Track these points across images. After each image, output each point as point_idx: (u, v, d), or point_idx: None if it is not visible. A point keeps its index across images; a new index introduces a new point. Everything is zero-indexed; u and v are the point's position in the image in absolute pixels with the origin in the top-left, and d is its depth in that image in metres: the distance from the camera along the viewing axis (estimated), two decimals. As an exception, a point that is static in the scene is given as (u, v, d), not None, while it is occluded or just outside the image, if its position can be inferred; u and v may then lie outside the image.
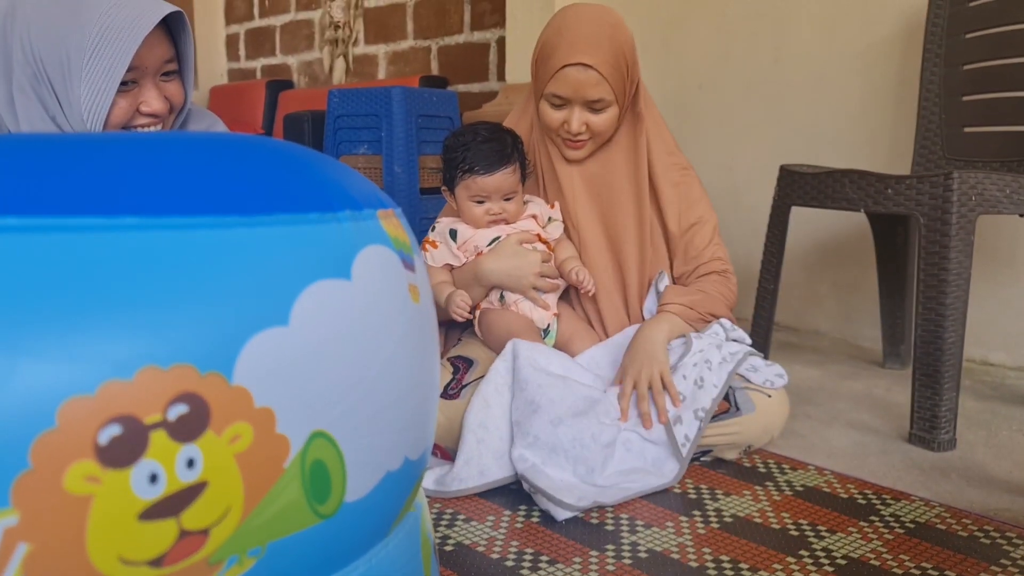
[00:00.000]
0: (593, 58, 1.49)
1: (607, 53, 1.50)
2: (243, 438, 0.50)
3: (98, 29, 1.07)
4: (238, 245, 0.53)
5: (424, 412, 0.66)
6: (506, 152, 1.53)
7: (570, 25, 1.53)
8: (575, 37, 1.51)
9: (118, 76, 1.09)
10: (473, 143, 1.52)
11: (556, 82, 1.52)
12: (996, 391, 2.02)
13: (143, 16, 1.09)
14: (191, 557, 0.49)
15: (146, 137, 0.60)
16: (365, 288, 0.59)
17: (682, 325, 1.53)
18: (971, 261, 1.60)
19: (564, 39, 1.52)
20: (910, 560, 1.15)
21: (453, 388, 1.50)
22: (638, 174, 1.60)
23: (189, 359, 0.48)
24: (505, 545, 1.20)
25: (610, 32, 1.52)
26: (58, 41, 1.07)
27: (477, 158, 1.52)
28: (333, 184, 0.62)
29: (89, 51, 1.07)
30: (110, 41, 1.08)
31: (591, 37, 1.51)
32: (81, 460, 0.45)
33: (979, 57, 2.03)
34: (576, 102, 1.53)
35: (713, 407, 1.44)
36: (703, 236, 1.63)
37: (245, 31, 4.77)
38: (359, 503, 0.58)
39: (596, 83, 1.51)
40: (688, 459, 1.41)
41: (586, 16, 1.54)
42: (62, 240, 0.48)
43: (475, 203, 1.55)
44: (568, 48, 1.50)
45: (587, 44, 1.50)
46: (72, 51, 1.07)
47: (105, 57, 1.08)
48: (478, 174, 1.52)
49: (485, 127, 1.56)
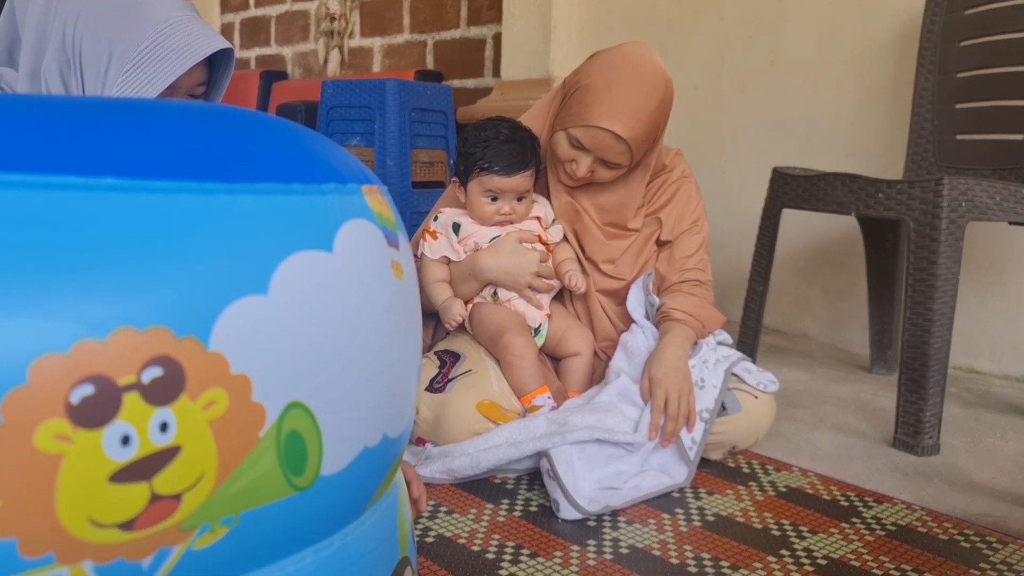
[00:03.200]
0: (630, 133, 1.44)
1: (644, 129, 1.46)
2: (218, 404, 0.49)
3: (150, 43, 1.06)
4: (219, 212, 0.52)
5: (404, 389, 0.65)
6: (525, 155, 1.50)
7: (623, 87, 1.45)
8: (621, 105, 1.44)
9: (154, 93, 1.08)
10: (495, 141, 1.49)
11: (583, 131, 1.46)
12: (981, 399, 2.02)
13: (197, 44, 1.09)
14: (162, 522, 0.49)
15: (132, 102, 0.59)
16: (347, 262, 0.58)
17: (692, 338, 1.52)
18: (959, 267, 1.60)
19: (609, 100, 1.44)
20: (890, 561, 1.15)
21: (439, 382, 1.49)
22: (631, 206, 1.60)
23: (165, 322, 0.48)
24: (487, 538, 1.19)
25: (655, 107, 1.46)
26: (105, 41, 1.06)
27: (497, 158, 1.49)
28: (318, 157, 0.61)
29: (133, 61, 1.06)
30: (157, 59, 1.07)
31: (637, 112, 1.44)
32: (52, 419, 0.44)
33: (973, 65, 2.04)
34: (593, 154, 1.49)
35: (716, 407, 1.44)
36: (691, 244, 1.62)
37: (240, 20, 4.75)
38: (336, 477, 0.57)
39: (621, 151, 1.47)
40: (696, 462, 1.41)
41: (642, 82, 1.46)
42: (40, 197, 0.47)
43: (487, 200, 1.53)
44: (609, 113, 1.44)
45: (631, 117, 1.44)
46: (116, 55, 1.06)
47: (147, 71, 1.07)
48: (496, 174, 1.49)
49: (507, 125, 1.53)
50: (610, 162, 1.49)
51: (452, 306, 1.54)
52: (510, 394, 1.49)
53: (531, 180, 1.53)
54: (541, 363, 1.55)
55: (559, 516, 1.26)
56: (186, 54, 1.08)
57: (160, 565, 0.50)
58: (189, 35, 1.09)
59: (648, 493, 1.34)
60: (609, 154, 1.47)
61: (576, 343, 1.59)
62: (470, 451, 1.38)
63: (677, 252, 1.61)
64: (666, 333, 1.50)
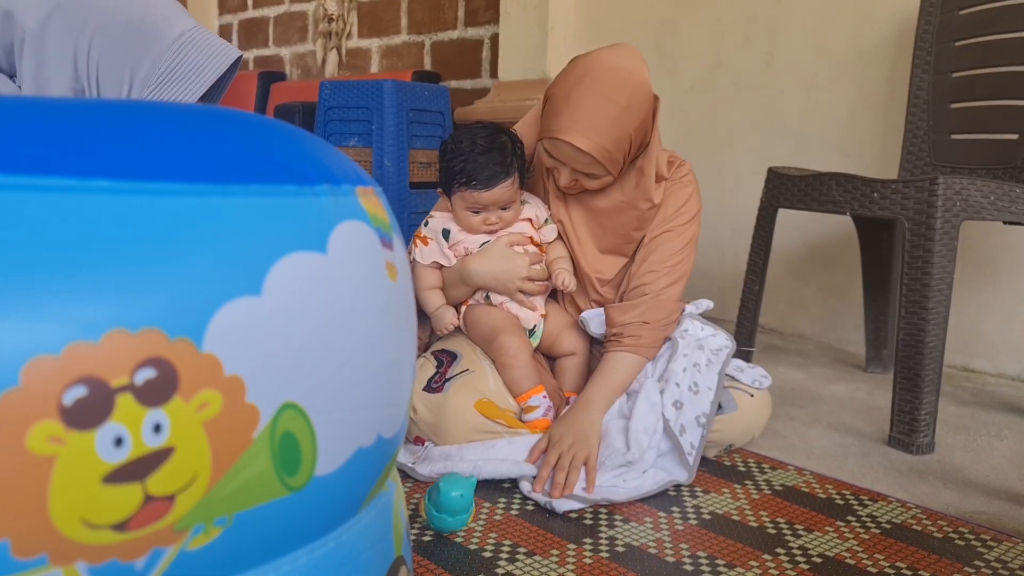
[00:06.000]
0: (589, 144, 1.37)
1: (607, 139, 1.37)
2: (212, 405, 0.50)
3: (168, 66, 1.06)
4: (212, 213, 0.52)
5: (398, 390, 0.65)
6: (505, 163, 1.46)
7: (580, 98, 1.38)
8: (578, 116, 1.37)
9: None
10: (471, 153, 1.45)
11: (549, 144, 1.42)
12: (976, 397, 2.03)
13: (211, 60, 1.09)
14: (156, 523, 0.49)
15: (124, 104, 0.59)
16: (341, 263, 0.58)
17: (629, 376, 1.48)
18: (954, 266, 1.61)
19: (567, 112, 1.38)
20: (885, 559, 1.15)
21: (437, 382, 1.49)
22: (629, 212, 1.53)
23: (158, 324, 0.48)
24: (483, 537, 1.19)
25: (618, 115, 1.37)
26: (124, 66, 1.06)
27: (476, 171, 1.45)
28: (312, 158, 0.62)
29: (155, 84, 1.06)
30: (175, 81, 1.07)
31: (594, 123, 1.36)
32: (45, 420, 0.45)
33: (968, 65, 2.05)
34: (568, 165, 1.45)
35: (713, 410, 1.44)
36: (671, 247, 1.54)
37: (238, 21, 4.75)
38: (330, 477, 0.58)
39: (588, 163, 1.40)
40: (696, 466, 1.42)
41: (600, 91, 1.37)
42: (33, 199, 0.47)
43: (472, 213, 1.51)
44: (568, 125, 1.37)
45: (588, 128, 1.36)
46: (137, 80, 1.06)
47: (167, 94, 1.07)
48: (475, 189, 1.46)
49: (484, 133, 1.48)
50: (584, 173, 1.45)
51: (444, 315, 1.54)
52: (507, 393, 1.49)
53: (513, 188, 1.49)
54: (536, 363, 1.55)
55: (555, 510, 1.27)
56: (205, 71, 1.09)
57: (154, 566, 0.50)
58: (203, 53, 1.09)
59: (649, 491, 1.35)
60: (578, 165, 1.42)
61: (571, 342, 1.59)
62: (472, 458, 1.38)
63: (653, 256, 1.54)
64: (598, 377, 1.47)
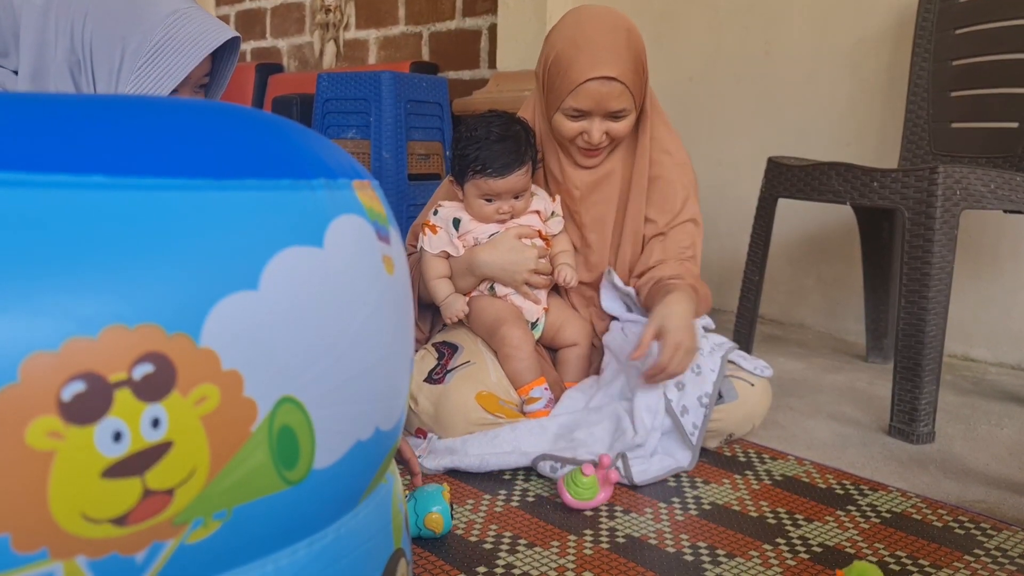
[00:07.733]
0: (616, 69, 1.44)
1: (628, 62, 1.45)
2: (210, 400, 0.50)
3: (161, 37, 1.06)
4: (208, 208, 0.52)
5: (396, 383, 0.65)
6: (519, 151, 1.48)
7: (588, 35, 1.46)
8: (596, 49, 1.44)
9: (168, 88, 1.08)
10: (486, 141, 1.47)
11: (577, 96, 1.46)
12: (976, 386, 2.03)
13: (207, 34, 1.09)
14: (155, 517, 0.49)
15: (120, 99, 0.59)
16: (337, 257, 0.58)
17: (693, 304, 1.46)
18: (954, 255, 1.61)
19: (584, 51, 1.45)
20: (885, 548, 1.15)
21: (438, 373, 1.50)
22: (639, 173, 1.57)
23: (156, 319, 0.48)
24: (484, 528, 1.20)
25: (626, 38, 1.47)
26: (116, 39, 1.05)
27: (490, 159, 1.47)
28: (307, 152, 0.62)
29: (146, 57, 1.06)
30: (168, 53, 1.07)
31: (612, 48, 1.45)
32: (44, 416, 0.45)
33: (968, 53, 2.04)
34: (597, 114, 1.49)
35: (715, 392, 1.44)
36: (687, 235, 1.59)
37: (235, 12, 4.74)
38: (328, 470, 0.58)
39: (619, 94, 1.46)
40: (699, 446, 1.42)
41: (602, 24, 1.47)
42: (29, 195, 0.47)
43: (484, 201, 1.52)
44: (590, 61, 1.44)
45: (609, 55, 1.44)
46: (128, 53, 1.06)
47: (160, 66, 1.07)
48: (491, 176, 1.47)
49: (498, 122, 1.51)
50: (616, 111, 1.48)
51: (454, 303, 1.54)
52: (508, 385, 1.49)
53: (527, 177, 1.51)
54: (538, 354, 1.56)
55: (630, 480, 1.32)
56: (198, 45, 1.08)
57: (154, 559, 0.50)
58: (199, 26, 1.09)
59: (654, 478, 1.36)
60: (612, 103, 1.47)
61: (573, 334, 1.59)
62: (477, 452, 1.39)
63: (671, 243, 1.58)
64: (669, 292, 1.43)
